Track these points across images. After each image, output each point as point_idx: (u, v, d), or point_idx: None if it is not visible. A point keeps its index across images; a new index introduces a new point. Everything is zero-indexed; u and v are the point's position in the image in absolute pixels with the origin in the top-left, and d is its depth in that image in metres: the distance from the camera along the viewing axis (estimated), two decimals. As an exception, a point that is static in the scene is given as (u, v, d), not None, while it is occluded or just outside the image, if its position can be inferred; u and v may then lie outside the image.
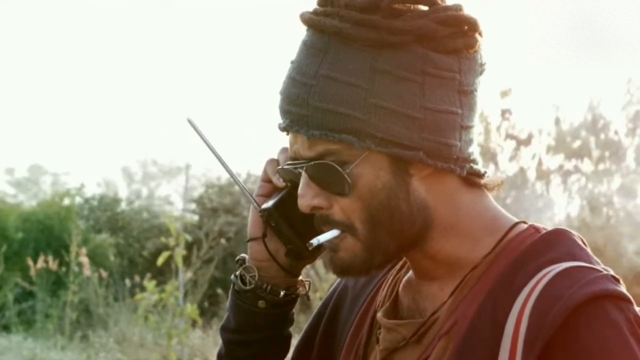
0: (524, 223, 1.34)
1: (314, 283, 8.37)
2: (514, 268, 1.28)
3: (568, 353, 1.20)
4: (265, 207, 1.40)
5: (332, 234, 1.31)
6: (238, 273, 1.45)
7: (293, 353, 1.51)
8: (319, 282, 8.42)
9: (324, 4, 1.30)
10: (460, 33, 1.29)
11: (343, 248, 1.31)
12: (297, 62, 1.30)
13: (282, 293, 1.44)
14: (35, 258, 11.21)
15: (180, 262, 6.99)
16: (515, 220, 1.34)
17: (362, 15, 1.26)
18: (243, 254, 1.47)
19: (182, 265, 7.09)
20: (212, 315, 10.87)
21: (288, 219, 1.39)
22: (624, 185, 10.59)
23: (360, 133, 1.26)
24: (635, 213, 10.28)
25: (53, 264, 10.94)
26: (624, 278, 1.30)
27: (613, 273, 1.27)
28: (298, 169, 1.31)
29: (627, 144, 10.82)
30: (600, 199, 10.65)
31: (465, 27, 1.29)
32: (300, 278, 1.47)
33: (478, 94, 1.31)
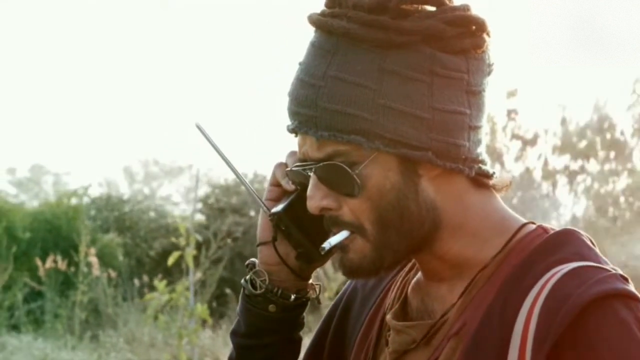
0: (533, 223, 1.34)
1: (322, 283, 8.36)
2: (523, 268, 1.27)
3: (577, 352, 1.20)
4: (275, 211, 1.40)
5: (342, 236, 1.30)
6: (248, 277, 1.45)
7: (304, 355, 1.51)
8: (327, 281, 8.42)
9: (332, 5, 1.29)
10: (468, 33, 1.28)
11: (352, 249, 1.31)
12: (305, 63, 1.30)
13: (292, 297, 1.44)
14: (44, 258, 11.22)
15: (191, 262, 6.98)
16: (524, 221, 1.34)
17: (370, 16, 1.26)
18: (253, 259, 1.47)
19: (192, 265, 7.09)
20: (220, 315, 10.87)
21: (298, 223, 1.39)
22: (630, 186, 10.56)
23: (369, 134, 1.26)
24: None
25: (62, 264, 10.95)
26: (632, 278, 1.30)
27: (622, 272, 1.27)
28: (307, 171, 1.31)
29: (633, 144, 10.80)
30: (607, 199, 10.62)
31: (473, 27, 1.29)
32: (311, 281, 1.47)
33: (486, 94, 1.31)
